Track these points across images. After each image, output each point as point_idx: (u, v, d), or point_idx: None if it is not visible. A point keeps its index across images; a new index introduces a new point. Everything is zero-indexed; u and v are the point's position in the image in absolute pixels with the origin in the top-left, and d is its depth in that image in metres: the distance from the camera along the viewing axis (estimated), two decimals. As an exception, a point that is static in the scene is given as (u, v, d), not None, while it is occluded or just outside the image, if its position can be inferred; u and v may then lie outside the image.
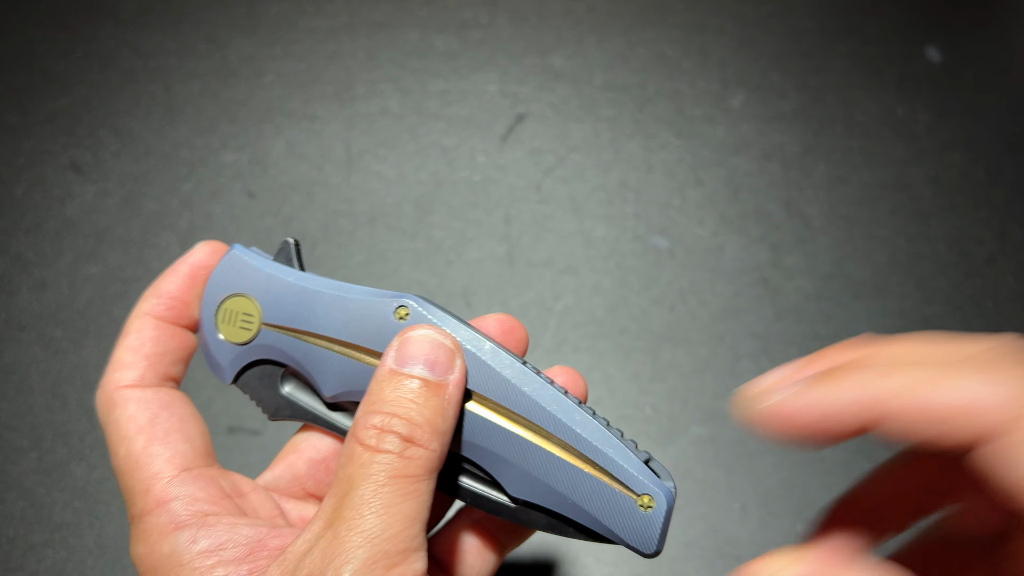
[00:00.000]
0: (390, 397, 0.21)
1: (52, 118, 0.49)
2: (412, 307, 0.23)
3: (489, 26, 0.53)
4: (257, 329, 0.24)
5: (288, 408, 0.25)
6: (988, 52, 0.53)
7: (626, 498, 0.22)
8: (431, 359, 0.21)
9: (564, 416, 0.22)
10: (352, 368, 0.23)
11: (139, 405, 0.23)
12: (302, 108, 0.49)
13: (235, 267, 0.24)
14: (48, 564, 0.38)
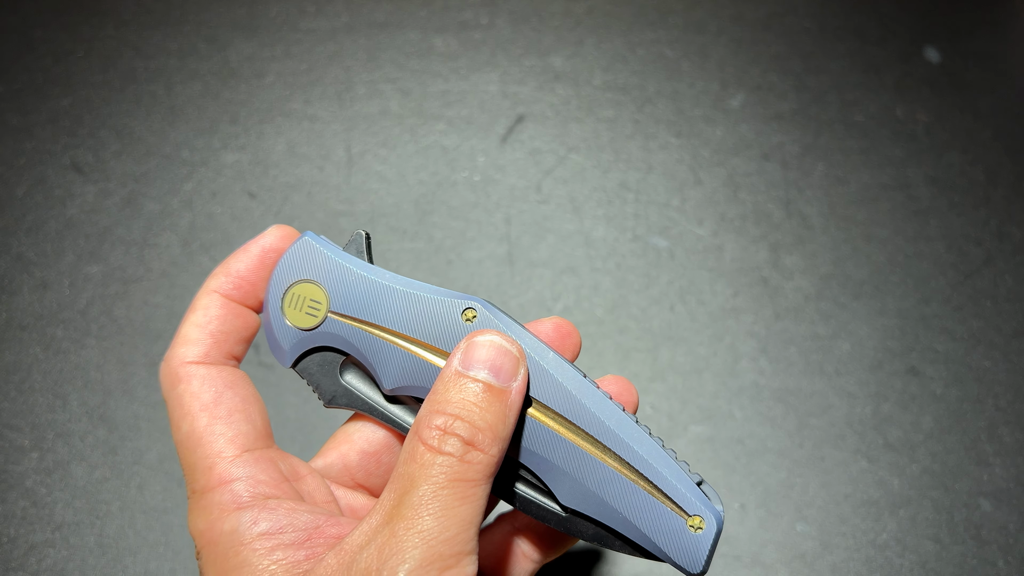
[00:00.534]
0: (455, 399, 0.21)
1: (53, 118, 0.49)
2: (479, 310, 0.23)
3: (489, 27, 0.53)
4: (323, 316, 0.24)
5: (345, 396, 0.25)
6: (987, 53, 0.54)
7: (677, 518, 0.22)
8: (496, 364, 0.22)
9: (622, 431, 0.23)
10: (415, 364, 0.24)
11: (203, 382, 0.24)
12: (303, 109, 0.50)
13: (306, 253, 0.25)
14: (49, 563, 0.38)
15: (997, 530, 0.39)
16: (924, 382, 0.43)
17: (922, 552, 0.39)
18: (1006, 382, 0.43)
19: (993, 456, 0.41)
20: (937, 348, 0.44)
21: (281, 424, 0.41)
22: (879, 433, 0.41)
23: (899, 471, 0.40)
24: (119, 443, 0.40)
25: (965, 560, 0.38)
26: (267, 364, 0.42)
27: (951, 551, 0.39)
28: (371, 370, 0.24)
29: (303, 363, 0.25)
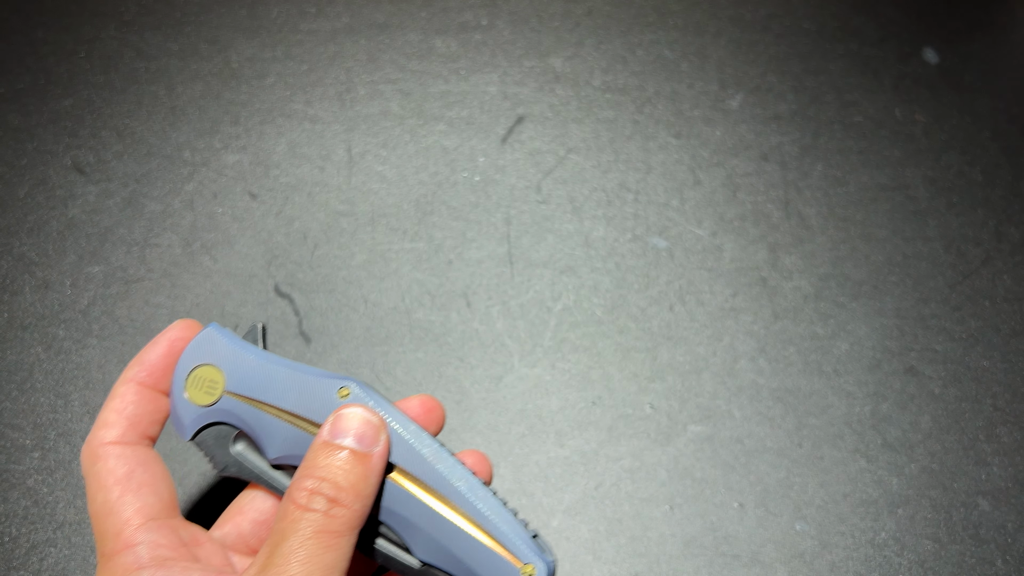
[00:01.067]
0: (322, 464, 0.25)
1: (55, 119, 0.49)
2: (353, 389, 0.27)
3: (489, 28, 0.53)
4: (219, 395, 0.28)
5: (236, 466, 0.28)
6: (985, 54, 0.54)
7: (512, 566, 0.26)
8: (359, 433, 0.25)
9: (469, 492, 0.26)
10: (296, 435, 0.27)
11: (118, 460, 0.27)
12: (303, 109, 0.50)
13: (209, 341, 0.28)
14: (51, 563, 0.38)
15: (995, 529, 0.39)
16: (922, 382, 0.43)
17: (920, 551, 0.39)
18: (1004, 382, 0.43)
19: (991, 455, 0.41)
20: (936, 348, 0.44)
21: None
22: (878, 433, 0.41)
23: (897, 470, 0.40)
24: (120, 442, 0.40)
25: (963, 559, 0.39)
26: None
27: (949, 550, 0.39)
28: (258, 442, 0.28)
29: (200, 436, 0.28)
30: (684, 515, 0.39)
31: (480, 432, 0.41)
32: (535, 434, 0.41)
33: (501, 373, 0.43)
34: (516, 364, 0.43)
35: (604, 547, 0.39)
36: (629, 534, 0.39)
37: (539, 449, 0.41)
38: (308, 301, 0.44)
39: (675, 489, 0.40)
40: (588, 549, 0.39)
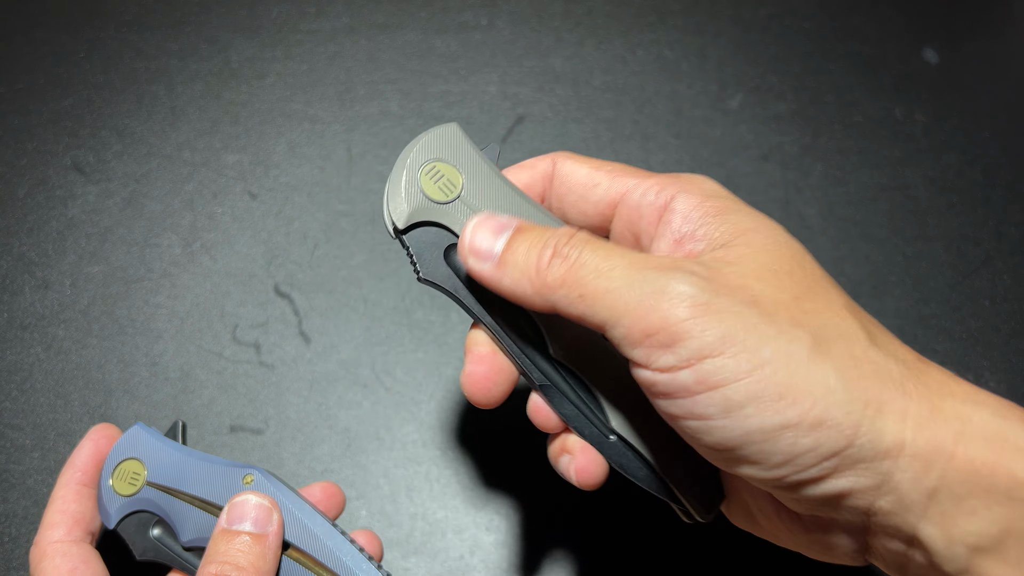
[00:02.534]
0: (223, 549, 0.27)
1: (55, 119, 0.49)
2: (256, 476, 0.30)
3: (489, 28, 0.53)
4: (141, 485, 0.31)
5: (153, 551, 0.31)
6: (985, 54, 0.54)
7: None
8: (254, 517, 0.28)
9: (355, 566, 0.29)
10: (205, 520, 0.30)
11: (64, 558, 0.29)
12: (303, 109, 0.50)
13: (134, 438, 0.32)
14: (51, 562, 0.38)
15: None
16: (922, 382, 0.43)
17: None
18: (1004, 382, 0.43)
19: (991, 455, 0.41)
20: (936, 348, 0.44)
21: (280, 438, 0.41)
22: (878, 432, 0.41)
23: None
24: (120, 442, 0.40)
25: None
26: (267, 364, 0.42)
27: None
28: (173, 528, 0.31)
29: (123, 524, 0.31)
30: (684, 515, 0.39)
31: (480, 432, 0.41)
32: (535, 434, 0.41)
33: (501, 373, 0.42)
34: (516, 364, 0.43)
35: (604, 547, 0.39)
36: (629, 535, 0.39)
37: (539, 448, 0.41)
38: (308, 301, 0.44)
39: (675, 489, 0.40)
40: (588, 549, 0.39)
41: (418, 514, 0.39)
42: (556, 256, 0.24)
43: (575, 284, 0.23)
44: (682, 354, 0.22)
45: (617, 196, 0.27)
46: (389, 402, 0.42)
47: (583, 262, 0.23)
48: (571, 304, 0.24)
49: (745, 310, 0.22)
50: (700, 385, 0.22)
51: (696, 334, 0.22)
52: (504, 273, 0.25)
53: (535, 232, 0.25)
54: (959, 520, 0.21)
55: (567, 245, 0.24)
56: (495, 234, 0.25)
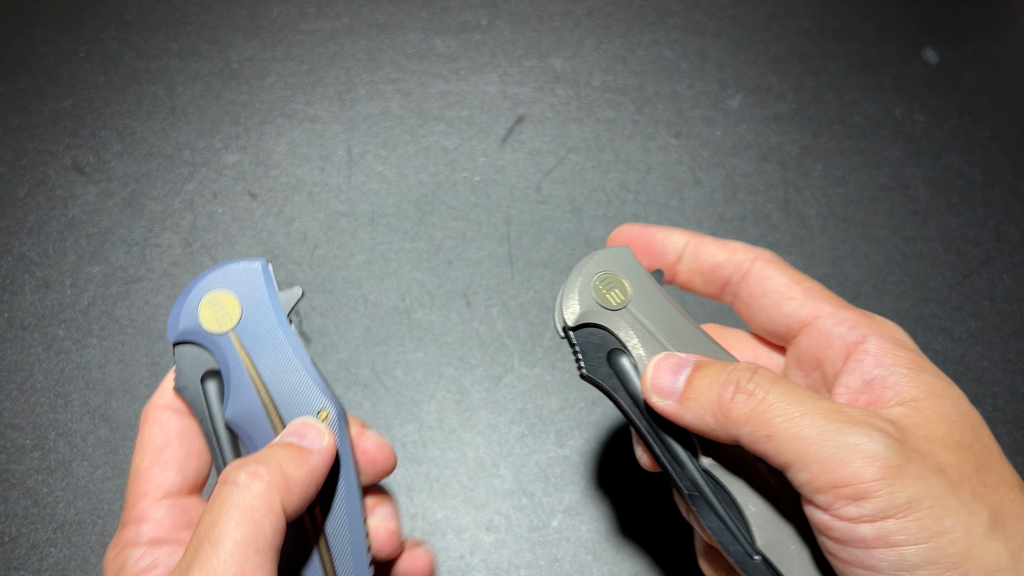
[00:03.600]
0: (260, 454, 0.26)
1: (55, 119, 0.49)
2: (331, 414, 0.28)
3: (489, 28, 0.53)
4: (223, 331, 0.28)
5: (192, 394, 0.28)
6: (984, 54, 0.54)
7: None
8: (301, 432, 0.27)
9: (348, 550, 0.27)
10: (258, 414, 0.27)
11: (162, 428, 0.28)
12: (304, 109, 0.50)
13: (250, 276, 0.28)
14: (51, 562, 0.38)
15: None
16: (922, 382, 0.43)
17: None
18: (1004, 382, 0.43)
19: (991, 455, 0.41)
20: (935, 348, 0.44)
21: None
22: (877, 432, 0.41)
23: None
24: (120, 442, 0.40)
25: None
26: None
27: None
28: (225, 395, 0.28)
29: (183, 347, 0.28)
30: (684, 515, 0.40)
31: (480, 432, 0.41)
32: (535, 434, 0.41)
33: (501, 373, 0.43)
34: (516, 364, 0.43)
35: (604, 547, 0.39)
36: (629, 534, 0.39)
37: (539, 449, 0.41)
38: (308, 301, 0.44)
39: (675, 489, 0.40)
40: (588, 549, 0.39)
41: (418, 514, 0.39)
42: (739, 392, 0.25)
43: (762, 424, 0.24)
44: (867, 509, 0.23)
45: (809, 317, 0.28)
46: (389, 402, 0.42)
47: (770, 403, 0.24)
48: (756, 442, 0.24)
49: (933, 478, 0.23)
50: (878, 541, 0.23)
51: (885, 495, 0.23)
52: (687, 409, 0.26)
53: (715, 367, 0.26)
54: None
55: (751, 382, 0.25)
56: (675, 372, 0.27)
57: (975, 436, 0.25)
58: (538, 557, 0.39)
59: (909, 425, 0.25)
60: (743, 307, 0.30)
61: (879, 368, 0.26)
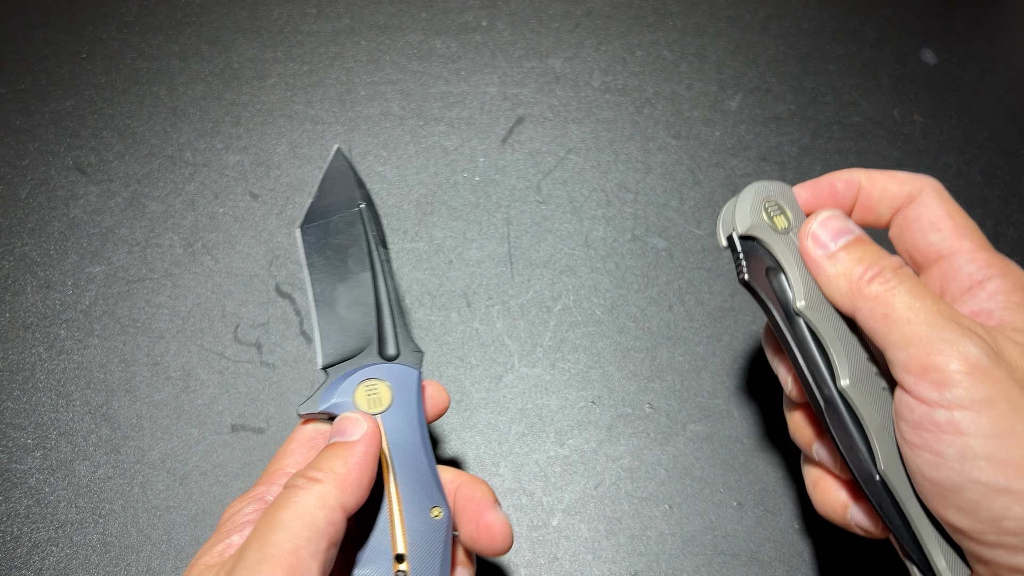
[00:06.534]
0: (313, 461, 0.29)
1: (56, 120, 0.49)
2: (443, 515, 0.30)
3: (489, 29, 0.53)
4: (372, 412, 0.31)
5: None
6: (983, 54, 0.54)
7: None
8: (342, 429, 0.30)
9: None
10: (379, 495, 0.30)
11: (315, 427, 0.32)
12: (304, 110, 0.50)
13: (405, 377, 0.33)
14: (52, 561, 0.38)
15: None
16: (921, 381, 0.43)
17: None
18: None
19: (989, 454, 0.41)
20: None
21: (282, 438, 0.41)
22: (876, 432, 0.42)
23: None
24: (122, 442, 0.40)
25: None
26: (268, 364, 0.42)
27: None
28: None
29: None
30: (683, 514, 0.40)
31: (480, 431, 0.41)
32: (535, 433, 0.41)
33: (501, 373, 0.43)
34: (516, 364, 0.43)
35: (604, 546, 0.39)
36: (628, 533, 0.39)
37: (539, 448, 0.41)
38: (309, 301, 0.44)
39: (674, 488, 0.40)
40: (588, 548, 0.39)
41: (418, 513, 0.39)
42: (880, 275, 0.28)
43: (884, 303, 0.28)
44: (946, 396, 0.25)
45: (948, 251, 0.31)
46: (390, 401, 0.42)
47: (901, 290, 0.28)
48: (872, 317, 0.28)
49: (1015, 388, 0.25)
50: (949, 427, 0.25)
51: (965, 387, 0.25)
52: (831, 265, 0.29)
53: (872, 248, 0.30)
54: None
55: (893, 272, 0.28)
56: (837, 234, 0.30)
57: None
58: (538, 556, 0.39)
59: (1007, 344, 0.27)
60: (895, 229, 0.33)
61: (991, 303, 0.29)
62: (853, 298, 0.29)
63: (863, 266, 0.29)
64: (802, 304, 0.30)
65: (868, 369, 0.30)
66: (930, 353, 0.26)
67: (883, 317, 0.27)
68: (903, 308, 0.27)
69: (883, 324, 0.27)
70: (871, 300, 0.28)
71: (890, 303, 0.27)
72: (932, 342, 0.26)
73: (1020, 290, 0.29)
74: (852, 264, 0.29)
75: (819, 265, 0.30)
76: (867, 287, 0.28)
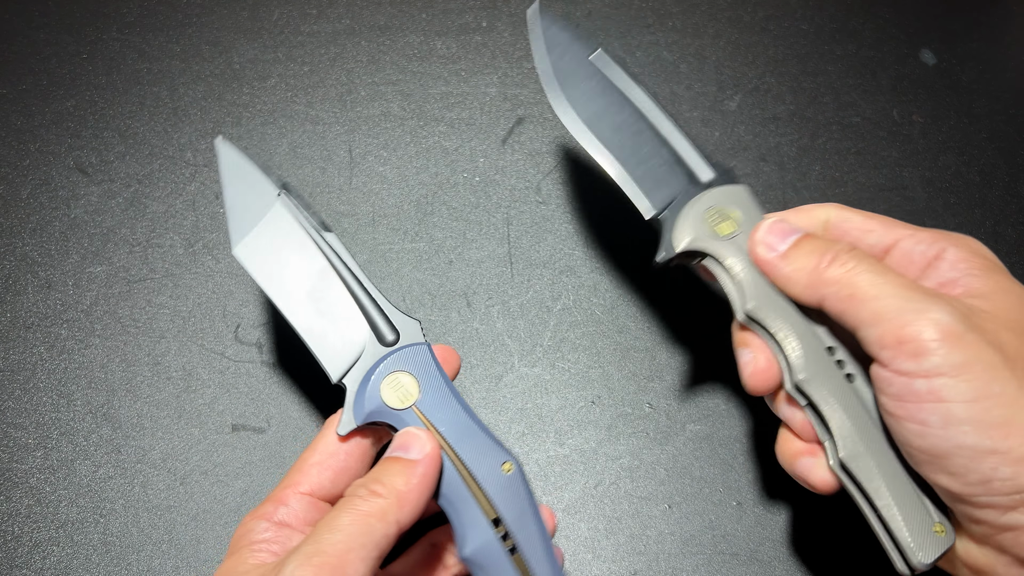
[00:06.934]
0: (375, 472, 0.29)
1: (57, 120, 0.49)
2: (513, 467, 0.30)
3: (489, 30, 0.53)
4: (406, 406, 0.31)
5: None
6: (982, 54, 0.54)
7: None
8: (406, 445, 0.30)
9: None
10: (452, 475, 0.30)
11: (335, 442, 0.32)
12: (305, 111, 0.50)
13: (418, 355, 0.32)
14: (53, 561, 0.38)
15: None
16: (920, 381, 0.43)
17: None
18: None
19: (988, 454, 0.41)
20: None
21: (282, 437, 0.41)
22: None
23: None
24: (123, 441, 0.40)
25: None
26: (269, 363, 0.42)
27: (947, 548, 0.39)
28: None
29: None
30: (683, 513, 0.40)
31: (480, 431, 0.41)
32: (535, 433, 0.41)
33: (501, 372, 0.43)
34: (516, 363, 0.43)
35: (603, 545, 0.39)
36: (628, 532, 0.39)
37: (539, 448, 0.41)
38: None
39: (674, 487, 0.40)
40: (588, 547, 0.39)
41: (419, 512, 0.39)
42: (837, 259, 0.29)
43: (847, 285, 0.28)
44: (924, 366, 0.26)
45: (891, 242, 0.32)
46: (390, 401, 0.42)
47: (860, 270, 0.28)
48: (839, 300, 0.28)
49: (989, 349, 0.26)
50: (930, 395, 0.26)
51: (941, 354, 0.25)
52: (786, 264, 0.30)
53: (820, 239, 0.30)
54: None
55: (848, 255, 0.29)
56: (784, 236, 0.31)
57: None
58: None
59: (976, 308, 0.27)
60: None
61: (954, 272, 0.29)
62: (816, 287, 0.29)
63: (817, 255, 0.29)
64: (752, 305, 0.31)
65: (827, 361, 0.30)
66: (902, 325, 0.26)
67: (849, 298, 0.28)
68: (867, 286, 0.27)
69: (851, 304, 0.28)
70: (834, 284, 0.28)
71: (854, 283, 0.28)
72: (902, 314, 0.26)
73: (977, 256, 0.30)
74: (806, 257, 0.30)
75: (774, 267, 0.30)
76: (827, 272, 0.29)
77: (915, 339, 0.26)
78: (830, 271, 0.29)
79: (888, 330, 0.26)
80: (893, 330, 0.26)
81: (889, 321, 0.26)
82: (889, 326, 0.26)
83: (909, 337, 0.26)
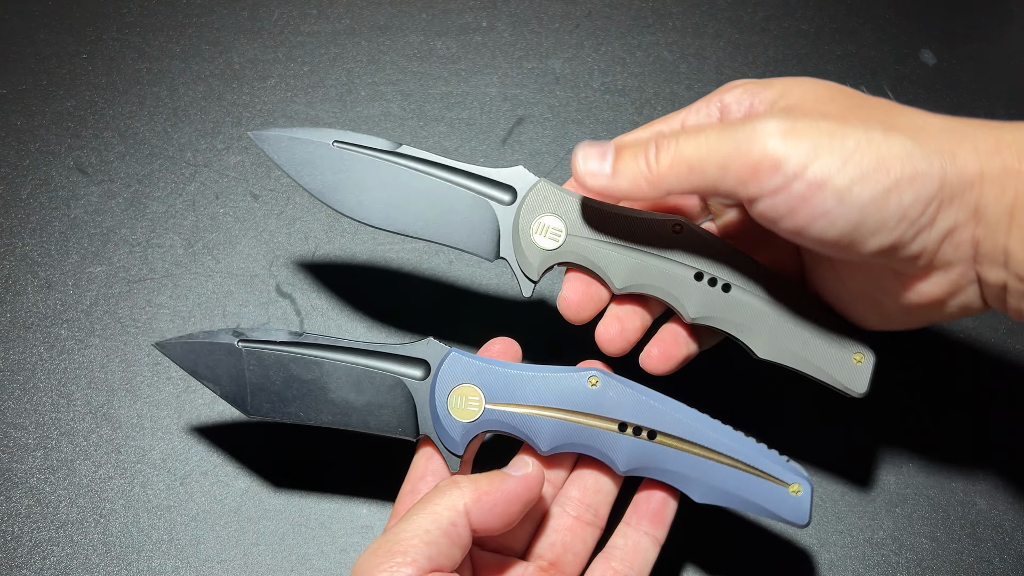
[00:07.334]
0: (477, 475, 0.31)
1: (57, 120, 0.49)
2: (600, 376, 0.32)
3: (489, 30, 0.53)
4: (482, 409, 0.32)
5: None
6: (982, 55, 0.54)
7: (782, 489, 0.31)
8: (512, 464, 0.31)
9: (723, 438, 0.32)
10: (562, 428, 0.32)
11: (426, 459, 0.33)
12: (305, 111, 0.50)
13: (458, 364, 0.32)
14: (53, 561, 0.38)
15: (992, 528, 0.39)
16: (920, 381, 0.43)
17: (918, 549, 0.39)
18: (1002, 382, 0.43)
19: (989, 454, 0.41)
20: (934, 347, 0.44)
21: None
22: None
23: (895, 469, 0.41)
24: (123, 441, 0.40)
25: (960, 557, 0.39)
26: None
27: (947, 548, 0.39)
28: (527, 440, 0.32)
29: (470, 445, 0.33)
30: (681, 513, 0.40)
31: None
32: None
33: (501, 372, 0.43)
34: (516, 364, 0.43)
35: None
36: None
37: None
38: (309, 301, 0.44)
39: (674, 488, 0.40)
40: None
41: (419, 512, 0.39)
42: (660, 150, 0.29)
43: (680, 161, 0.28)
44: (788, 171, 0.27)
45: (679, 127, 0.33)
46: (390, 401, 0.42)
47: (682, 143, 0.29)
48: (684, 180, 0.29)
49: (822, 122, 0.27)
50: (811, 188, 0.27)
51: (793, 153, 0.27)
52: (620, 178, 0.30)
53: (635, 144, 0.30)
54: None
55: (666, 139, 0.29)
56: (601, 157, 0.30)
57: (841, 92, 0.30)
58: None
59: (785, 106, 0.29)
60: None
61: (742, 104, 0.31)
62: (658, 183, 0.29)
63: (641, 154, 0.30)
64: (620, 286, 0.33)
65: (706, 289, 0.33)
66: (746, 154, 0.27)
67: (690, 171, 0.28)
68: (696, 150, 0.28)
69: (695, 175, 0.28)
70: (670, 170, 0.29)
71: (683, 156, 0.28)
72: (739, 147, 0.27)
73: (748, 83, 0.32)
74: (631, 164, 0.30)
75: (611, 188, 0.30)
76: (657, 166, 0.29)
77: (764, 156, 0.27)
78: (659, 161, 0.29)
79: (739, 169, 0.27)
80: (742, 167, 0.27)
81: (733, 161, 0.27)
82: (736, 165, 0.27)
83: (758, 158, 0.27)
